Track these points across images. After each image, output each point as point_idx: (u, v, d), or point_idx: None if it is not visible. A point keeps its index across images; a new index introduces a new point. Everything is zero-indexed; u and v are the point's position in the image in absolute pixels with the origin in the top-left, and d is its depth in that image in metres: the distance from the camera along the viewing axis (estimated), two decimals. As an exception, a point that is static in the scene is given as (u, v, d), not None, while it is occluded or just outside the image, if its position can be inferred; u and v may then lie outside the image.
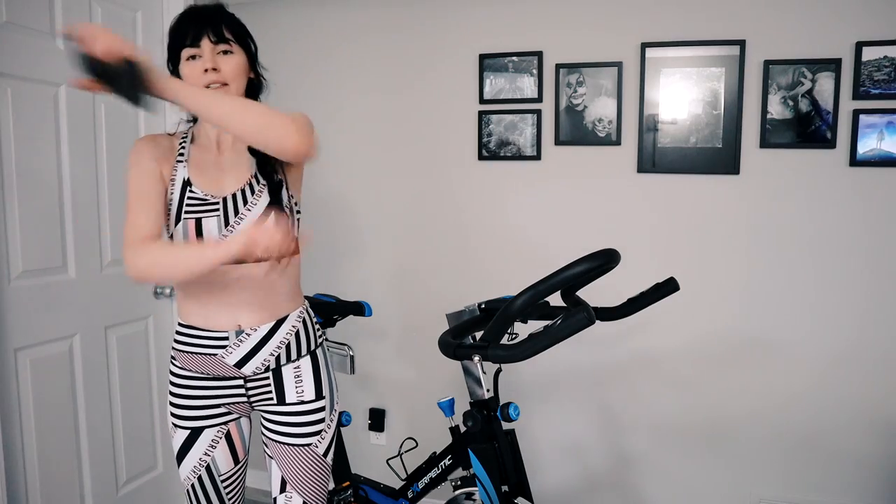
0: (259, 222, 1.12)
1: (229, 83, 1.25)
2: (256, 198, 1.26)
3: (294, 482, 1.34)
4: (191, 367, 1.33)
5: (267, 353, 1.30)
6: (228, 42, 1.25)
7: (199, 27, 1.23)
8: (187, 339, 1.31)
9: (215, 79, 1.24)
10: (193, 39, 1.23)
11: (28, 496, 1.80)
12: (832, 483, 2.11)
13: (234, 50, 1.26)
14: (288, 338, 1.32)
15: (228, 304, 1.27)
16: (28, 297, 1.79)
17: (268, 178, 1.28)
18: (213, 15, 1.26)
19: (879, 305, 2.04)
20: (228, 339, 1.28)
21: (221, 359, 1.29)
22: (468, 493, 1.74)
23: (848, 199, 2.04)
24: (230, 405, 1.36)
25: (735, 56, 2.06)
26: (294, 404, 1.33)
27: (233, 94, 1.25)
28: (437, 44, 2.37)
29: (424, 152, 2.43)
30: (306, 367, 1.35)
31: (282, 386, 1.33)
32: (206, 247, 1.17)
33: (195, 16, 1.25)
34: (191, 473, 1.36)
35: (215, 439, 1.36)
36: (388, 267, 2.51)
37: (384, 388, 2.56)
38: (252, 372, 1.31)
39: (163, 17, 2.25)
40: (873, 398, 2.06)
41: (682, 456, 2.25)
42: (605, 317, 1.63)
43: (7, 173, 1.72)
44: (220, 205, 1.25)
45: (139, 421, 2.22)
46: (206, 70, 1.22)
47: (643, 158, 2.18)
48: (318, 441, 1.34)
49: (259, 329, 1.29)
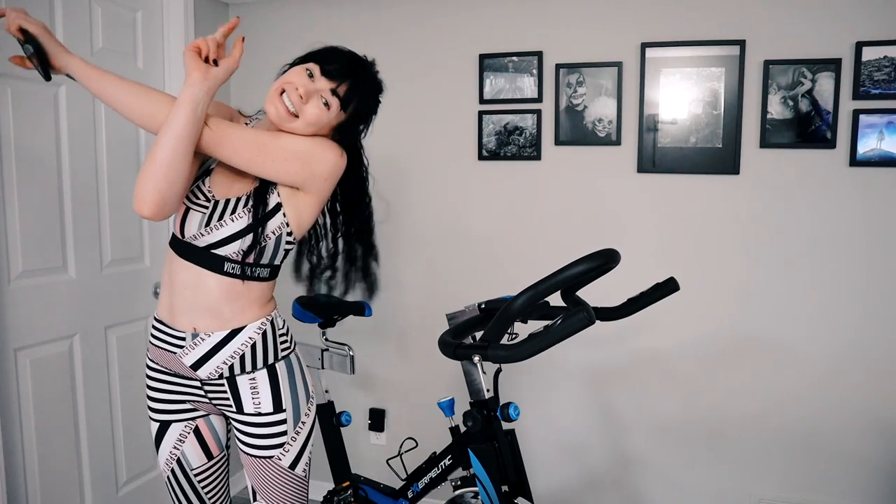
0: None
1: (299, 119, 1.23)
2: (246, 212, 1.23)
3: (261, 492, 1.34)
4: (158, 360, 1.34)
5: (219, 360, 1.28)
6: (337, 97, 1.24)
7: (341, 71, 1.23)
8: (156, 332, 1.33)
9: (294, 101, 1.22)
10: (327, 70, 1.23)
11: (28, 496, 1.80)
12: (832, 483, 2.11)
13: (332, 108, 1.24)
14: (242, 349, 1.28)
15: (189, 305, 1.27)
16: (28, 297, 1.79)
17: (258, 198, 1.24)
18: (361, 77, 1.26)
19: (879, 305, 2.04)
20: (185, 339, 1.28)
21: (179, 358, 1.29)
22: (468, 493, 1.74)
23: (848, 199, 2.04)
24: (196, 402, 1.36)
25: (735, 56, 2.06)
26: (252, 415, 1.31)
27: (132, 82, 1.20)
28: (437, 44, 2.37)
29: (424, 152, 2.42)
30: (262, 381, 1.30)
31: (238, 396, 1.31)
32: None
33: (353, 63, 1.27)
34: (165, 465, 1.39)
35: (183, 433, 1.37)
36: (387, 267, 2.51)
37: (384, 388, 2.56)
38: (206, 376, 1.30)
39: (163, 17, 2.25)
40: (873, 398, 2.06)
41: (682, 456, 2.25)
42: (605, 317, 1.63)
43: (7, 173, 1.72)
44: (211, 205, 1.25)
45: (139, 421, 2.21)
46: (298, 89, 1.21)
47: (643, 158, 2.18)
48: (280, 454, 1.31)
49: (213, 335, 1.27)
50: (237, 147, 1.19)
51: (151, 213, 1.12)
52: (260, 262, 1.26)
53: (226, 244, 1.23)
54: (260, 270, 1.28)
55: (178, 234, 1.27)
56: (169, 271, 1.30)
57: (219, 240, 1.23)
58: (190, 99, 1.12)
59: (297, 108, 1.22)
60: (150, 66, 2.21)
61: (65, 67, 1.17)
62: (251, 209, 1.23)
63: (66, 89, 1.88)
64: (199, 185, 1.28)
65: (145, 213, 1.12)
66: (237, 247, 1.23)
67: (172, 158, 1.11)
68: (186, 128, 1.11)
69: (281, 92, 1.22)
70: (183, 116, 1.11)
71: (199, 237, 1.24)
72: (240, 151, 1.19)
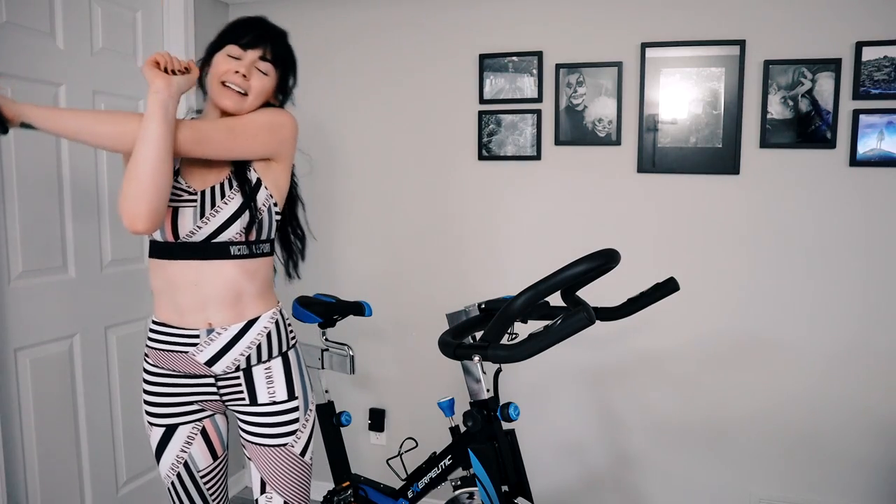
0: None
1: (249, 95, 1.31)
2: (234, 192, 1.28)
3: (273, 482, 1.35)
4: (163, 364, 1.33)
5: (237, 352, 1.31)
6: (271, 63, 1.32)
7: (259, 38, 1.31)
8: (160, 336, 1.32)
9: (239, 84, 1.29)
10: (247, 43, 1.30)
11: (28, 496, 1.80)
12: (831, 483, 2.11)
13: (270, 74, 1.33)
14: (259, 339, 1.32)
15: (200, 302, 1.28)
16: (28, 297, 1.79)
17: (240, 177, 1.31)
18: (273, 35, 1.34)
19: (879, 305, 2.04)
20: (199, 336, 1.29)
21: (192, 356, 1.30)
22: (468, 493, 1.74)
23: (848, 199, 2.04)
24: (203, 402, 1.37)
25: (735, 56, 2.06)
26: (266, 405, 1.33)
27: (88, 111, 1.25)
28: (437, 44, 2.37)
29: (424, 152, 2.42)
30: (277, 369, 1.35)
31: (253, 386, 1.33)
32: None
33: (259, 26, 1.33)
34: (170, 471, 1.38)
35: (191, 436, 1.37)
36: (388, 267, 2.51)
37: (384, 388, 2.56)
38: (222, 371, 1.31)
39: (163, 16, 2.25)
40: (873, 398, 2.06)
41: (681, 456, 2.25)
42: (605, 317, 1.63)
43: (7, 173, 1.72)
44: (197, 197, 1.27)
45: (139, 421, 2.21)
46: (238, 72, 1.28)
47: (643, 158, 2.18)
48: (293, 441, 1.35)
49: (230, 328, 1.30)
50: (214, 138, 1.24)
51: (146, 227, 1.15)
52: (261, 237, 1.32)
53: (225, 228, 1.26)
54: (263, 246, 1.34)
55: (168, 238, 1.27)
56: (164, 277, 1.30)
57: (217, 227, 1.26)
58: (159, 104, 1.15)
59: (244, 87, 1.29)
60: (150, 66, 2.21)
61: (19, 116, 1.12)
62: (238, 188, 1.29)
63: (67, 88, 1.88)
64: (175, 184, 1.29)
65: (140, 229, 1.15)
66: (238, 227, 1.27)
67: (157, 167, 1.13)
68: (163, 133, 1.14)
69: (222, 83, 1.29)
70: (156, 123, 1.14)
71: (195, 232, 1.26)
72: (217, 141, 1.24)
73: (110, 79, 2.05)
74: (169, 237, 1.26)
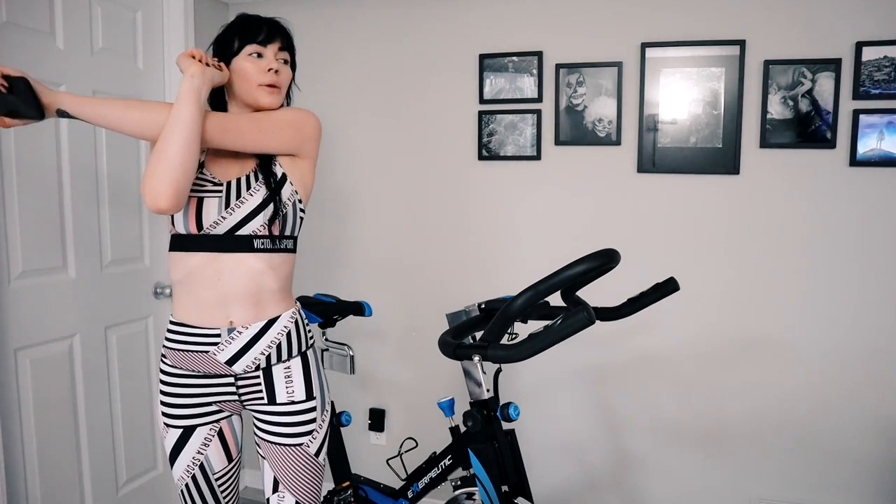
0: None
1: (281, 89, 1.34)
2: (259, 185, 1.30)
3: (286, 482, 1.35)
4: (183, 365, 1.33)
5: (258, 351, 1.31)
6: (286, 51, 1.37)
7: (272, 31, 1.34)
8: (179, 336, 1.32)
9: (275, 80, 1.32)
10: (265, 40, 1.32)
11: (28, 496, 1.80)
12: (832, 483, 2.11)
13: (288, 62, 1.38)
14: (279, 338, 1.33)
15: (221, 297, 1.28)
16: (28, 297, 1.79)
17: (266, 171, 1.32)
18: (282, 27, 1.38)
19: (879, 305, 2.04)
20: (220, 335, 1.29)
21: (213, 356, 1.30)
22: (468, 493, 1.74)
23: (848, 199, 2.04)
24: (222, 403, 1.37)
25: (735, 56, 2.06)
26: (285, 404, 1.34)
27: (126, 100, 1.26)
28: (437, 44, 2.37)
29: (424, 152, 2.43)
30: (297, 368, 1.35)
31: (272, 386, 1.34)
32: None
33: (268, 21, 1.35)
34: (185, 473, 1.37)
35: (208, 437, 1.37)
36: (388, 267, 2.51)
37: (384, 388, 2.56)
38: (243, 370, 1.32)
39: (163, 17, 2.25)
40: (872, 398, 2.06)
41: (681, 456, 2.25)
42: (605, 317, 1.63)
43: (7, 173, 1.72)
44: (223, 188, 1.28)
45: (139, 421, 2.22)
46: (271, 70, 1.31)
47: (643, 158, 2.18)
48: (309, 441, 1.35)
49: (251, 327, 1.30)
50: (242, 130, 1.26)
51: (169, 205, 1.16)
52: (284, 232, 1.33)
53: (249, 220, 1.27)
54: (286, 241, 1.34)
55: (191, 229, 1.27)
56: (185, 270, 1.29)
57: (241, 218, 1.27)
58: (193, 89, 1.18)
59: (278, 82, 1.33)
60: (150, 66, 2.21)
61: (55, 103, 1.17)
62: (263, 181, 1.30)
63: (66, 89, 1.88)
64: (200, 175, 1.30)
65: (163, 206, 1.16)
66: (261, 220, 1.28)
67: (185, 147, 1.16)
68: (193, 116, 1.17)
69: (258, 85, 1.32)
70: (188, 106, 1.17)
71: (220, 222, 1.26)
72: (244, 133, 1.27)
73: (110, 79, 2.05)
74: (192, 228, 1.27)
